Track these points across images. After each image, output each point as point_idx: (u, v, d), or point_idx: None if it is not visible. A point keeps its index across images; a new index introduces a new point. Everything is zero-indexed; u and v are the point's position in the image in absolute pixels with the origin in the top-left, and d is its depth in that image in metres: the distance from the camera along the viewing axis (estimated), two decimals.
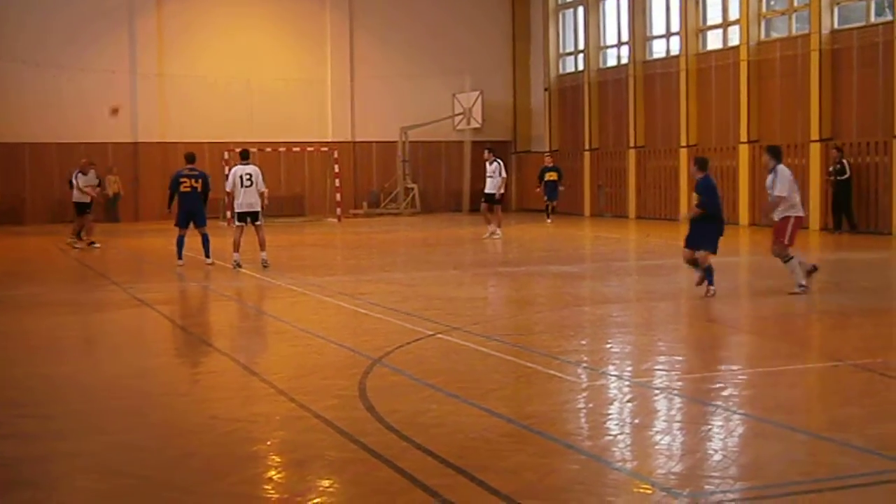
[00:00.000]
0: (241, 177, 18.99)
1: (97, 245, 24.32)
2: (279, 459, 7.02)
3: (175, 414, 8.35)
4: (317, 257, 23.07)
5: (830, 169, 25.71)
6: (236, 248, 18.98)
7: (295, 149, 36.15)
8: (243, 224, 19.09)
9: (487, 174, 26.04)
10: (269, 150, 35.36)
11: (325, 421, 7.78)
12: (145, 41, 36.50)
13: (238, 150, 20.58)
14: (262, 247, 18.94)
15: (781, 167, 14.70)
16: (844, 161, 25.40)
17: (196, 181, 19.53)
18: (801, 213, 14.89)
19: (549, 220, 31.62)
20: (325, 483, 6.41)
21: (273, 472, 6.76)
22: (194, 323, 13.42)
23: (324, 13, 38.56)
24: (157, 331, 13.09)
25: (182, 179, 19.56)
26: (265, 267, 18.61)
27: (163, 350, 11.75)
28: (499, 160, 26.35)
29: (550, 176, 32.29)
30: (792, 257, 14.47)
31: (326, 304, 14.82)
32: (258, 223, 19.00)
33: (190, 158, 19.88)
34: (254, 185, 18.93)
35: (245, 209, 19.05)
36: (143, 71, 36.43)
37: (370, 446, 7.04)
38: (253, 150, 34.48)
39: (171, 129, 36.62)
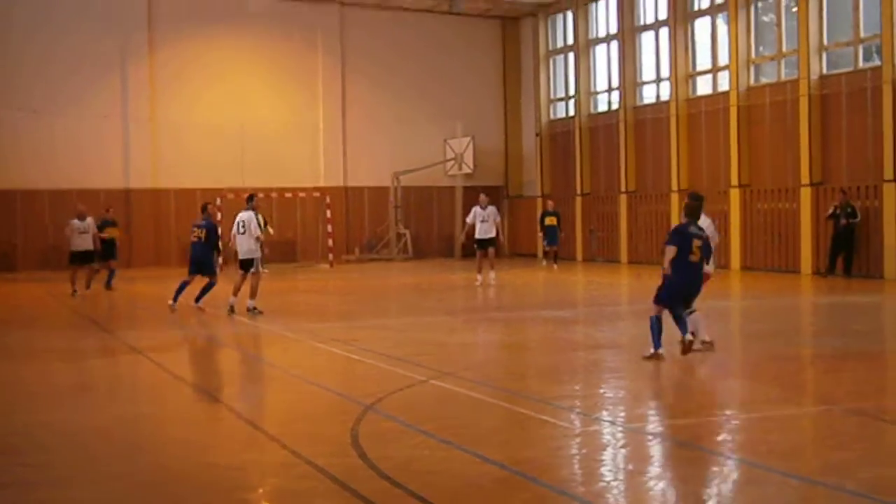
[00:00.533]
0: (237, 224, 19.21)
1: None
2: None
3: (167, 460, 8.31)
4: (309, 303, 23.04)
5: (837, 211, 25.37)
6: (235, 292, 19.03)
7: (287, 194, 36.21)
8: (244, 271, 19.13)
9: (481, 219, 25.51)
10: (261, 195, 35.30)
11: (318, 468, 7.74)
12: (137, 87, 36.62)
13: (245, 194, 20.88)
14: (252, 294, 18.94)
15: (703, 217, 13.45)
16: (854, 204, 25.31)
17: (201, 231, 19.75)
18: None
19: (554, 266, 31.52)
20: None
21: None
22: (187, 370, 13.38)
23: (315, 57, 38.76)
24: (149, 378, 13.03)
25: (193, 229, 20.04)
26: (251, 312, 18.57)
27: (155, 397, 11.69)
28: (492, 205, 26.21)
29: (550, 221, 32.22)
30: (693, 310, 13.14)
31: (319, 350, 14.79)
32: (252, 271, 19.02)
33: (203, 209, 20.50)
34: (246, 233, 19.00)
35: (241, 256, 19.20)
36: (135, 116, 36.52)
37: (363, 493, 7.00)
38: (245, 195, 34.76)
39: (164, 174, 36.65)
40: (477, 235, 25.36)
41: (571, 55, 37.68)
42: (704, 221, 13.53)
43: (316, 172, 38.68)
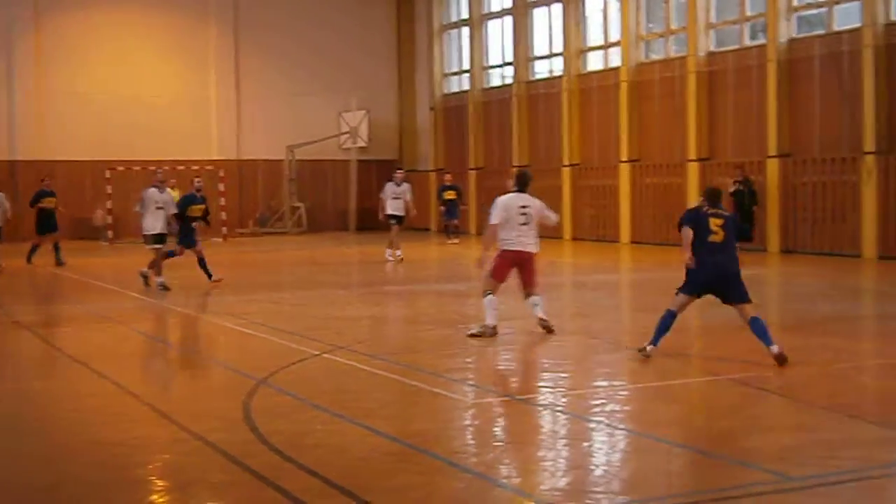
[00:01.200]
0: (153, 201, 19.08)
1: None
2: (162, 483, 6.92)
3: (54, 437, 8.17)
4: (201, 277, 22.77)
5: (740, 187, 24.39)
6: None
7: (179, 167, 35.66)
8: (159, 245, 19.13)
9: (393, 195, 24.78)
10: (152, 167, 34.82)
11: (208, 443, 7.69)
12: (24, 57, 35.64)
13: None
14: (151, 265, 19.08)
15: (500, 197, 13.18)
16: (752, 178, 24.79)
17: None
18: (513, 248, 12.83)
19: (456, 241, 31.18)
20: None
21: (156, 496, 6.66)
22: (75, 346, 13.12)
23: (208, 29, 38.16)
24: (36, 353, 12.77)
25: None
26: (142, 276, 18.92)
27: (42, 373, 11.46)
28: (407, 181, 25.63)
29: (450, 195, 31.94)
30: (490, 294, 12.78)
31: (212, 324, 14.66)
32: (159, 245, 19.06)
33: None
34: (166, 209, 19.08)
35: (157, 231, 19.18)
36: (21, 87, 35.55)
37: (254, 468, 6.98)
38: (136, 168, 34.22)
39: (51, 146, 35.79)
40: (389, 211, 24.73)
41: (465, 30, 37.74)
42: (532, 201, 13.06)
43: (209, 145, 38.16)
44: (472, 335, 12.54)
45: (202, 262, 19.71)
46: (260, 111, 38.65)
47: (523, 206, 12.84)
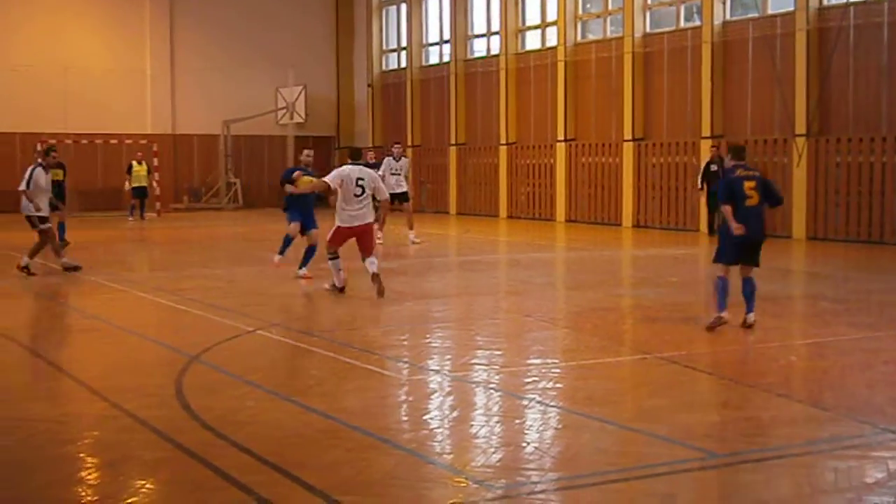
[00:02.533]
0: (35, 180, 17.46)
1: None
2: (91, 460, 6.87)
3: None
4: (134, 253, 22.55)
5: (713, 168, 23.74)
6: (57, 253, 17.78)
7: (112, 140, 35.20)
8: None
9: (393, 171, 22.82)
10: (85, 141, 34.39)
11: (140, 420, 7.64)
12: None
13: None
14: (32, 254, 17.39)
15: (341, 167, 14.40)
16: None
17: None
18: (349, 224, 14.05)
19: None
20: (139, 483, 6.31)
21: (84, 473, 6.60)
22: (2, 321, 12.93)
23: (143, 0, 37.66)
24: None
25: None
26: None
27: None
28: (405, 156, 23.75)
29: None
30: (334, 257, 14.25)
31: (143, 300, 14.52)
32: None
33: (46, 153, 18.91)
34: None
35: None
36: None
37: (185, 445, 6.95)
38: (68, 141, 33.71)
39: None
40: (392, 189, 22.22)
41: (404, 6, 37.62)
42: (368, 173, 14.22)
43: (143, 119, 37.71)
44: (326, 289, 14.43)
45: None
46: (195, 85, 38.25)
47: (360, 178, 14.02)
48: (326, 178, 14.17)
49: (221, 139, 38.09)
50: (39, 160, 18.12)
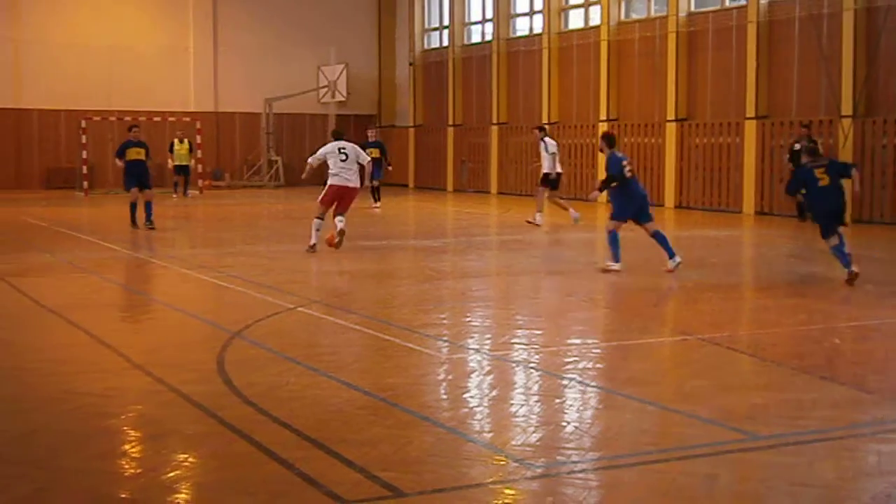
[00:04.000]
0: None
1: None
2: (134, 434, 6.94)
3: (26, 388, 8.16)
4: (178, 230, 22.70)
5: (797, 147, 21.62)
6: None
7: (156, 118, 35.43)
8: None
9: (550, 151, 22.12)
10: (128, 118, 34.61)
11: (182, 395, 7.71)
12: (0, 4, 35.25)
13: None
14: None
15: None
16: (817, 139, 22.40)
17: (140, 149, 21.51)
18: (337, 183, 16.91)
19: (377, 205, 27.20)
20: (181, 457, 6.36)
21: (128, 447, 6.67)
22: (49, 295, 13.07)
23: None
24: (9, 303, 12.71)
25: (129, 149, 21.52)
26: None
27: (15, 323, 11.41)
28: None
29: (372, 153, 25.91)
30: (319, 218, 16.89)
31: (187, 277, 14.63)
32: None
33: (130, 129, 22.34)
34: None
35: None
36: None
37: (227, 420, 7.01)
38: (112, 118, 33.99)
39: (27, 94, 35.50)
40: (546, 169, 22.16)
41: None
42: (348, 145, 17.11)
43: (186, 97, 37.93)
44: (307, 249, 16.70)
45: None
46: (238, 63, 38.40)
47: (342, 149, 17.02)
48: (310, 159, 17.41)
49: (263, 117, 38.22)
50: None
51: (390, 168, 30.47)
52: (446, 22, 37.75)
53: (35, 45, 35.44)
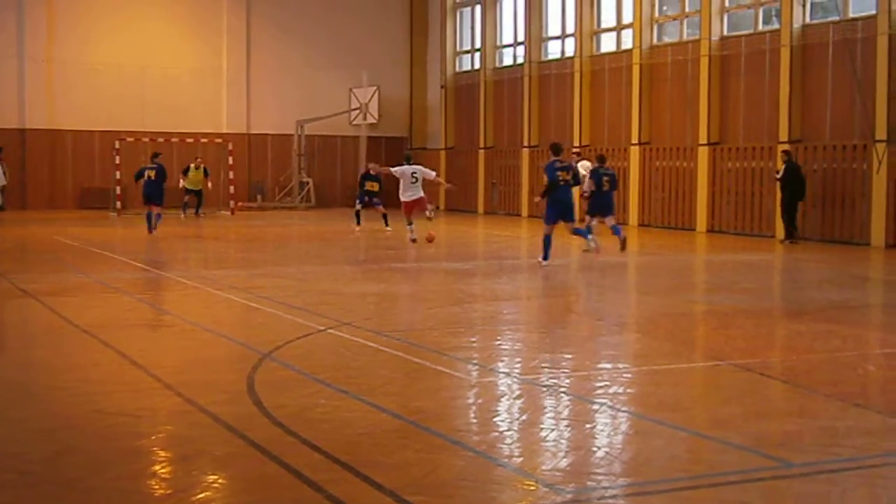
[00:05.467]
0: None
1: None
2: (164, 454, 6.94)
3: (58, 407, 8.19)
4: (209, 250, 22.81)
5: (783, 174, 24.15)
6: None
7: (188, 139, 35.67)
8: None
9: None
10: (161, 140, 34.87)
11: (213, 416, 7.71)
12: (34, 25, 35.65)
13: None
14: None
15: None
16: (800, 164, 24.33)
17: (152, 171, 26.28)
18: (409, 199, 23.13)
19: (384, 225, 26.96)
20: (211, 478, 6.36)
21: (158, 467, 6.68)
22: (80, 315, 13.16)
23: (221, 2, 38.12)
24: (40, 322, 12.81)
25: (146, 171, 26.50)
26: None
27: (47, 342, 11.49)
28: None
29: (372, 186, 26.83)
30: (411, 223, 23.04)
31: (217, 297, 14.68)
32: None
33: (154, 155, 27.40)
34: None
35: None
36: (31, 55, 35.57)
37: (257, 441, 7.00)
38: (145, 139, 34.27)
39: (61, 115, 35.86)
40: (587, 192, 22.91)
41: (478, 8, 37.63)
42: (419, 168, 23.37)
43: (218, 118, 38.17)
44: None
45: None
46: (270, 85, 38.62)
47: (413, 173, 23.13)
48: (393, 169, 23.60)
49: (295, 139, 38.40)
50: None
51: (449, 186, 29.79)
52: (478, 45, 37.85)
53: (69, 66, 35.80)
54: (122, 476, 6.33)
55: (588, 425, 7.72)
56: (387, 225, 26.93)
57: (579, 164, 23.98)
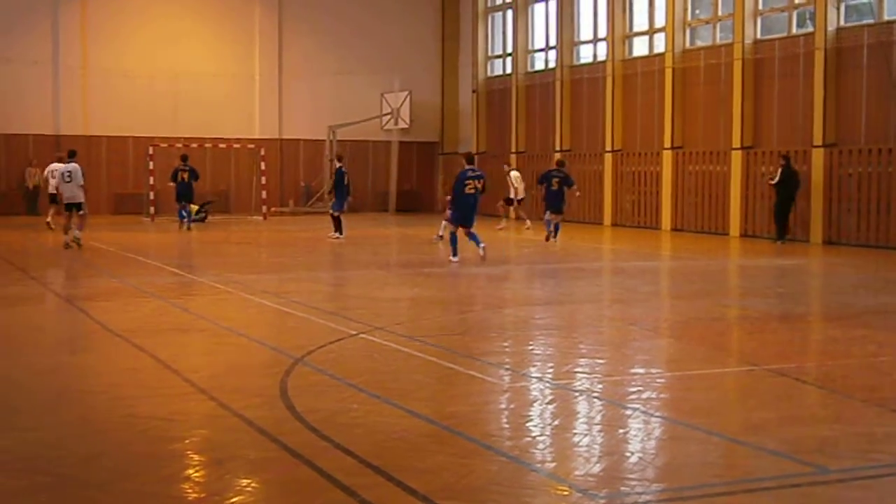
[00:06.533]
0: (62, 174, 22.49)
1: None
2: (197, 458, 6.96)
3: (91, 411, 8.24)
4: (241, 255, 22.90)
5: (780, 177, 25.22)
6: (66, 231, 22.51)
7: (221, 145, 35.85)
8: (70, 212, 22.52)
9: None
10: (194, 145, 35.06)
11: (246, 420, 7.73)
12: (69, 33, 35.97)
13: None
14: (80, 228, 22.55)
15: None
16: (784, 168, 25.16)
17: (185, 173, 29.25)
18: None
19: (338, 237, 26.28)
20: (244, 482, 6.37)
21: (191, 471, 6.69)
22: (113, 319, 13.23)
23: (253, 7, 38.31)
24: (75, 326, 12.90)
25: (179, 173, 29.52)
26: (76, 242, 22.01)
27: (80, 346, 11.58)
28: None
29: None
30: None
31: (250, 302, 14.72)
32: (80, 212, 22.55)
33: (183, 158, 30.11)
34: (73, 181, 22.23)
35: (67, 201, 22.44)
36: (66, 62, 35.88)
37: (290, 446, 7.01)
38: (178, 145, 34.47)
39: (95, 121, 36.15)
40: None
41: (510, 12, 37.62)
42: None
43: (251, 124, 38.35)
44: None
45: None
46: (302, 91, 38.77)
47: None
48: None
49: (327, 144, 38.49)
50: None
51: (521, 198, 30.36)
52: (510, 49, 37.83)
53: (104, 73, 36.09)
54: (156, 479, 6.35)
55: (621, 430, 7.68)
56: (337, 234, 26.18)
57: (511, 173, 28.69)
